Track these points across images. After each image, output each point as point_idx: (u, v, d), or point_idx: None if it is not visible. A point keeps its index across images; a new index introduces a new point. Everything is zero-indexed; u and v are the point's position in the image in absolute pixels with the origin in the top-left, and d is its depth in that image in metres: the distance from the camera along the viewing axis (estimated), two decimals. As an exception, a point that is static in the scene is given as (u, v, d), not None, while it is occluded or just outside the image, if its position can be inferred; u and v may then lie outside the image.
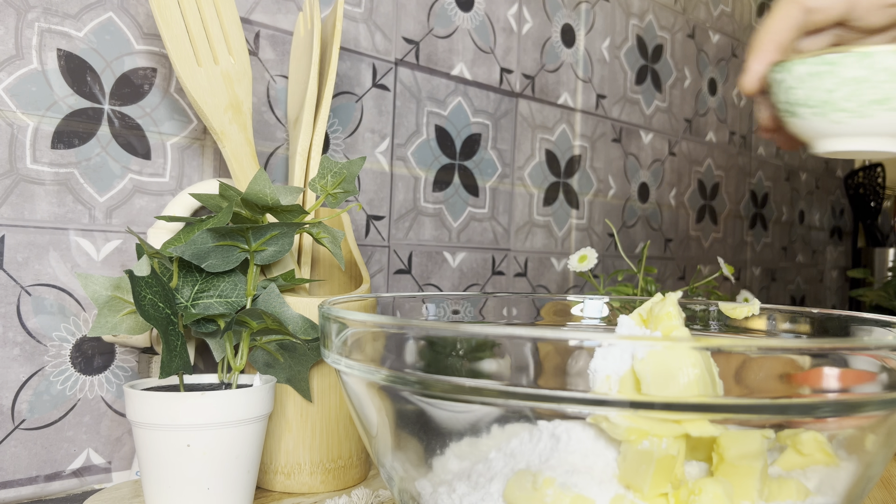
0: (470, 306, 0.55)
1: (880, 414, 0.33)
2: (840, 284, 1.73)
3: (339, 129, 0.73)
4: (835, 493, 0.35)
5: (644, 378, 0.30)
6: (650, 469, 0.31)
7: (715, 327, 0.52)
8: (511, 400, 0.30)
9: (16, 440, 0.54)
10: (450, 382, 0.31)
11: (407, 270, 0.80)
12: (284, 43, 0.69)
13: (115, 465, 0.59)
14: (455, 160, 0.85)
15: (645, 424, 0.31)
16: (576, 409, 0.30)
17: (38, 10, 0.55)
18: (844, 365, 0.30)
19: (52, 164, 0.55)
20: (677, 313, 0.38)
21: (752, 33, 1.38)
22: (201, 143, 0.63)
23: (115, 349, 0.59)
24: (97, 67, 0.57)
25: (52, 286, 0.55)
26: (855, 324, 0.46)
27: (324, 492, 0.55)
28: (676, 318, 0.38)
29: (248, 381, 0.51)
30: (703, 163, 1.26)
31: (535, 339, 0.31)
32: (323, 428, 0.54)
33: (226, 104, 0.55)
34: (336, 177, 0.52)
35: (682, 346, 0.30)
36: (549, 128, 0.96)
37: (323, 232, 0.53)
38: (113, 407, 0.58)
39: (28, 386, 0.55)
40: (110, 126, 0.58)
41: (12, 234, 0.54)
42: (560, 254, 0.99)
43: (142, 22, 0.59)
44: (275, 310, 0.50)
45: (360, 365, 0.35)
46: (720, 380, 0.31)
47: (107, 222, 0.58)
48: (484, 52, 0.87)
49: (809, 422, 0.35)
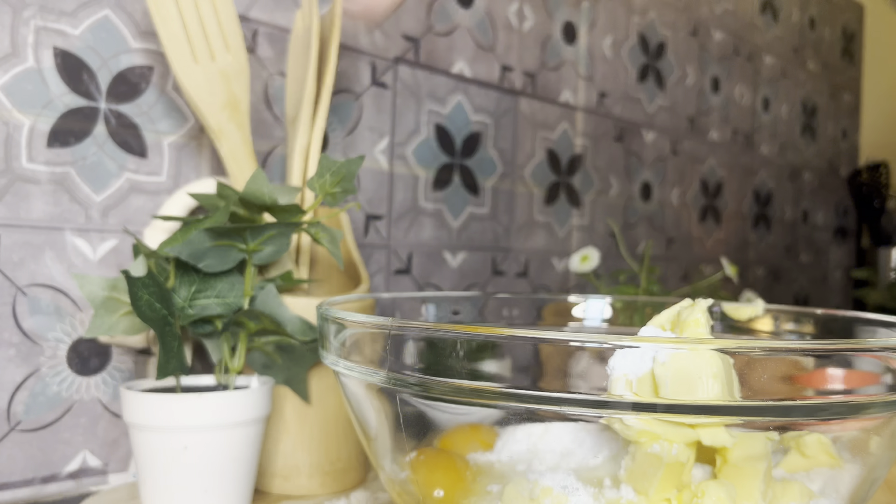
0: (470, 307, 0.54)
1: (885, 415, 0.32)
2: (844, 284, 1.73)
3: (337, 127, 0.73)
4: (839, 495, 0.35)
5: (663, 382, 0.29)
6: (658, 473, 0.31)
7: (719, 328, 0.52)
8: (512, 402, 0.30)
9: (11, 442, 0.54)
10: (450, 384, 0.31)
11: (407, 270, 0.80)
12: (282, 40, 0.68)
13: (111, 467, 0.58)
14: (455, 159, 0.84)
15: (658, 428, 0.30)
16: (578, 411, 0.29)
17: (34, 7, 0.54)
18: (849, 366, 0.30)
19: (47, 163, 0.55)
20: (705, 321, 0.37)
21: (754, 31, 1.37)
22: (198, 141, 0.62)
23: (112, 350, 0.58)
24: (93, 65, 0.57)
25: (48, 286, 0.55)
26: (859, 324, 0.46)
27: (322, 494, 0.54)
28: (704, 325, 0.37)
29: (246, 383, 0.50)
30: (705, 162, 1.25)
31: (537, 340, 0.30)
32: (321, 430, 0.54)
33: (223, 102, 0.55)
34: (335, 176, 0.51)
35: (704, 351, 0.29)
36: (550, 126, 0.96)
37: (321, 232, 0.52)
38: (109, 408, 0.58)
39: (24, 387, 0.54)
40: (106, 125, 0.58)
41: (8, 234, 0.53)
42: (561, 254, 0.98)
43: (138, 20, 0.59)
44: (272, 310, 0.50)
45: (359, 366, 0.35)
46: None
47: (103, 222, 0.58)
48: (484, 50, 0.87)
49: (814, 424, 0.35)
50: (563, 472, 0.35)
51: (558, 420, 0.37)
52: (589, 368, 0.31)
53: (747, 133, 1.36)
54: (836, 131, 1.66)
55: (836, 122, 1.66)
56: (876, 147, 1.82)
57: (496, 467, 0.38)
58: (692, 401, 0.29)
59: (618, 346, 0.29)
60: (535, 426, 0.38)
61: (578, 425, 0.37)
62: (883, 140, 1.83)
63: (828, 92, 1.62)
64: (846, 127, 1.70)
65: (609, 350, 0.30)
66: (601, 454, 0.36)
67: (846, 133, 1.70)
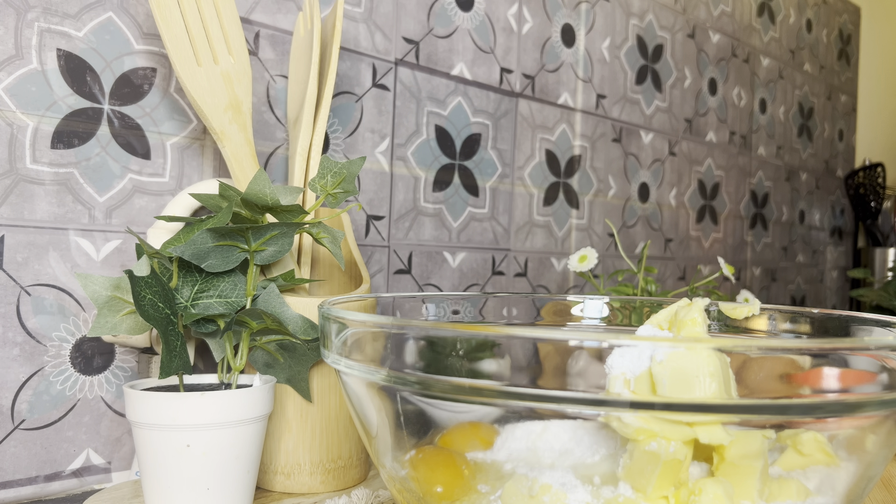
0: (470, 306, 0.55)
1: (880, 414, 0.33)
2: (840, 284, 1.73)
3: (338, 128, 0.73)
4: (835, 493, 0.35)
5: (661, 381, 0.30)
6: (656, 470, 0.31)
7: (715, 327, 0.52)
8: (511, 400, 0.30)
9: (15, 440, 0.54)
10: (450, 383, 0.31)
11: (407, 270, 0.80)
12: (284, 43, 0.69)
13: (114, 465, 0.59)
14: (455, 160, 0.85)
15: (655, 426, 0.31)
16: (576, 409, 0.30)
17: (38, 9, 0.55)
18: (845, 365, 0.30)
19: (51, 164, 0.55)
20: (702, 320, 0.37)
21: (751, 33, 1.37)
22: (201, 142, 0.63)
23: (115, 349, 0.59)
24: (97, 67, 0.57)
25: (52, 286, 0.55)
26: (855, 324, 0.46)
27: (324, 492, 0.55)
28: (701, 325, 0.37)
29: (248, 382, 0.51)
30: (703, 163, 1.26)
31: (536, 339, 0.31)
32: (323, 428, 0.54)
33: (225, 104, 0.55)
34: (336, 177, 0.52)
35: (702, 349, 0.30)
36: (549, 128, 0.96)
37: (323, 232, 0.53)
38: (113, 407, 0.58)
39: (28, 386, 0.55)
40: (110, 126, 0.58)
41: (12, 234, 0.54)
42: (560, 254, 0.98)
43: (141, 22, 0.59)
44: (274, 310, 0.50)
45: (360, 365, 0.35)
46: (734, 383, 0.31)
47: (106, 222, 0.58)
48: (484, 52, 0.87)
49: (810, 422, 0.35)
50: (562, 469, 0.35)
51: (557, 418, 0.38)
52: (587, 367, 0.31)
53: (744, 134, 1.37)
54: (833, 133, 1.67)
55: (832, 124, 1.66)
56: (872, 148, 1.82)
57: (496, 465, 0.38)
58: (689, 399, 0.29)
59: (616, 345, 0.30)
60: (534, 424, 0.38)
61: (577, 423, 0.38)
62: (879, 141, 1.83)
63: (824, 94, 1.63)
64: (843, 128, 1.71)
65: (607, 349, 0.30)
66: (599, 452, 0.37)
67: (843, 134, 1.71)
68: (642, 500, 0.32)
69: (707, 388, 0.29)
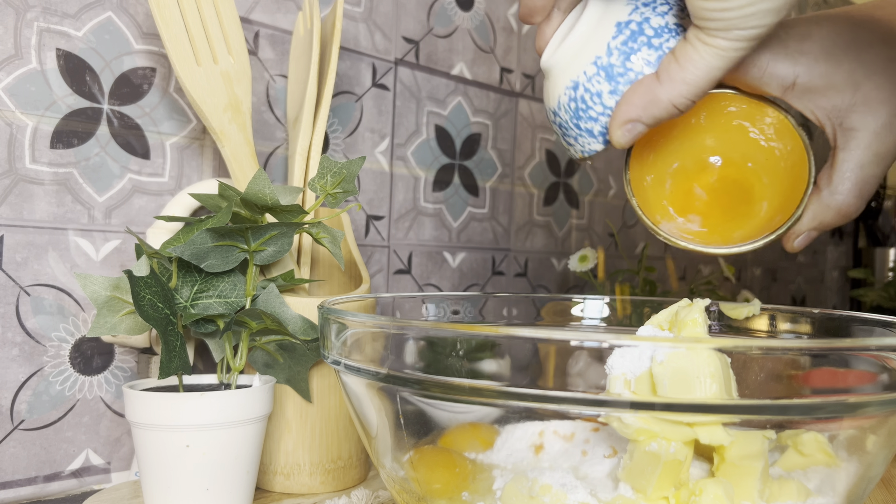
0: (470, 306, 0.55)
1: (881, 414, 0.33)
2: (841, 284, 1.73)
3: (338, 128, 0.73)
4: (835, 493, 0.35)
5: (661, 381, 0.30)
6: (656, 471, 0.31)
7: (716, 328, 0.52)
8: (511, 400, 0.30)
9: (15, 441, 0.54)
10: (450, 383, 0.31)
11: (407, 270, 0.80)
12: (284, 42, 0.69)
13: (114, 465, 0.59)
14: (455, 160, 0.85)
15: (656, 427, 0.31)
16: (577, 409, 0.30)
17: (38, 9, 0.54)
18: (845, 365, 0.30)
19: (51, 164, 0.55)
20: (703, 321, 0.37)
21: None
22: (200, 142, 0.63)
23: (115, 349, 0.58)
24: (96, 67, 0.57)
25: (51, 286, 0.55)
26: (856, 324, 0.46)
27: (323, 492, 0.55)
28: (701, 325, 0.37)
29: (248, 382, 0.51)
30: (703, 162, 1.26)
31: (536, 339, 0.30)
32: (322, 428, 0.54)
33: (225, 104, 0.55)
34: (336, 177, 0.52)
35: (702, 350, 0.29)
36: (549, 128, 0.96)
37: (322, 232, 0.53)
38: (112, 407, 0.58)
39: (27, 386, 0.54)
40: (109, 126, 0.58)
41: (11, 234, 0.54)
42: (560, 254, 0.98)
43: (141, 21, 0.59)
44: (274, 310, 0.50)
45: (360, 365, 0.35)
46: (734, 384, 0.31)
47: (106, 222, 0.58)
48: (484, 52, 0.87)
49: (810, 422, 0.35)
50: (562, 470, 0.35)
51: (557, 419, 0.38)
52: (588, 367, 0.31)
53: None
54: (834, 132, 1.67)
55: (833, 123, 1.66)
56: (873, 148, 1.82)
57: (496, 465, 0.38)
58: (690, 399, 0.29)
59: (616, 346, 0.30)
60: (534, 424, 0.38)
61: (577, 424, 0.38)
62: (880, 141, 1.83)
63: (826, 93, 1.63)
64: (844, 128, 1.70)
65: (607, 349, 0.30)
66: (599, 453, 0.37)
67: (844, 134, 1.71)
68: (642, 501, 0.32)
69: (708, 388, 0.29)
